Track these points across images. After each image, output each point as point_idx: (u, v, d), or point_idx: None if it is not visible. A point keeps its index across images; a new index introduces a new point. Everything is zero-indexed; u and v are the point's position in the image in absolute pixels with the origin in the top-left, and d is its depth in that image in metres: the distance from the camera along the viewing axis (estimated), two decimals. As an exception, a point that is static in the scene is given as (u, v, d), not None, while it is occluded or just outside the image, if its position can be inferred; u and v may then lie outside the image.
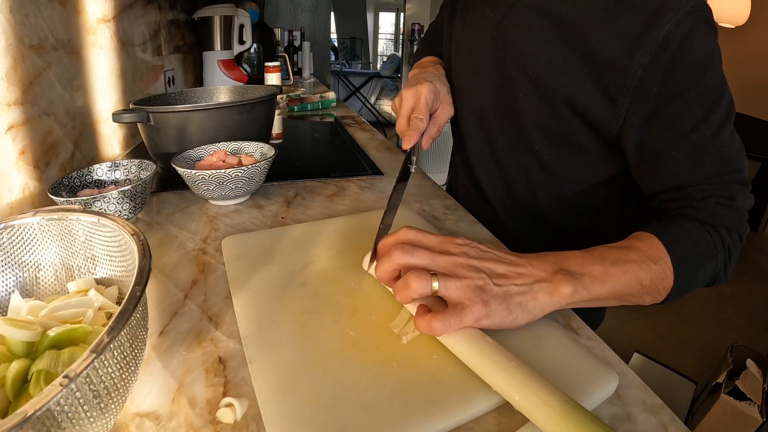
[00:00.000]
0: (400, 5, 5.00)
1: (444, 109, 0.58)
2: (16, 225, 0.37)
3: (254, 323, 0.39)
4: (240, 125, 0.79)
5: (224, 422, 0.31)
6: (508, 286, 0.36)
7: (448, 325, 0.34)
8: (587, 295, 0.38)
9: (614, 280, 0.39)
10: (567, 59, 0.51)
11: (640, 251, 0.42)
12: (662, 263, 0.41)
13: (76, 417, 0.22)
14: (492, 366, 0.32)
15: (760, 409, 1.15)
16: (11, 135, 0.57)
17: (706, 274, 0.45)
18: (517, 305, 0.36)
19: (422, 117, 0.53)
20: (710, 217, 0.46)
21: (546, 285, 0.37)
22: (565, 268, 0.39)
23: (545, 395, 0.29)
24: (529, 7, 0.54)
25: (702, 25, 0.45)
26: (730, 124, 0.46)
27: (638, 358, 1.44)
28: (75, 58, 0.73)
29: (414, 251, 0.37)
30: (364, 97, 5.33)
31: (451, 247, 0.38)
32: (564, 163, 0.58)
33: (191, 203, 0.68)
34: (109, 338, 0.23)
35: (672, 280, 0.42)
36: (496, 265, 0.38)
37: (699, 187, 0.47)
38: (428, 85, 0.56)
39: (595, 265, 0.39)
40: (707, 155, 0.46)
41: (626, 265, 0.40)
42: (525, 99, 0.57)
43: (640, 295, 0.42)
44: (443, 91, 0.59)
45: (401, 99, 0.57)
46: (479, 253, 0.38)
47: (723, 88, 0.46)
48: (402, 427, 0.29)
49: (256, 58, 1.90)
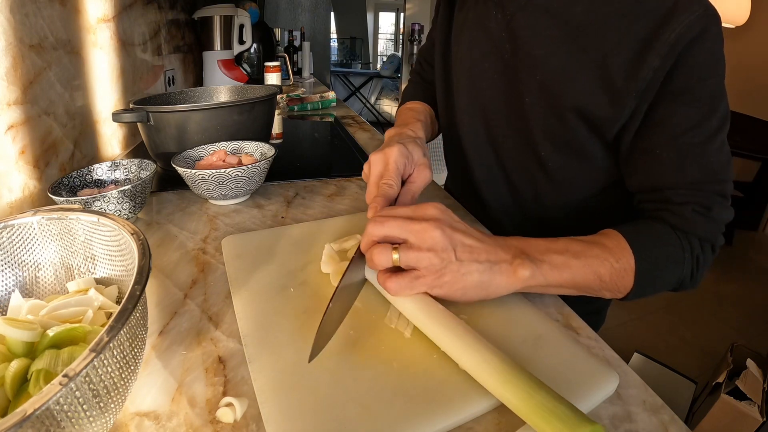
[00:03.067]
0: (400, 5, 5.00)
1: (420, 173, 0.51)
2: (16, 224, 0.37)
3: (254, 323, 0.39)
4: (240, 125, 0.79)
5: (224, 422, 0.31)
6: (470, 262, 0.37)
7: (400, 287, 0.37)
8: (544, 280, 0.40)
9: (573, 271, 0.41)
10: (579, 64, 0.50)
11: (604, 247, 0.43)
12: (624, 262, 0.42)
13: (76, 416, 0.22)
14: (441, 329, 0.35)
15: (760, 409, 1.15)
16: (11, 135, 0.57)
17: (671, 279, 0.46)
18: (472, 282, 0.37)
19: (392, 182, 0.47)
20: (684, 224, 0.46)
21: (506, 266, 0.39)
22: (526, 252, 0.40)
23: (487, 354, 0.32)
24: (542, 9, 0.53)
25: (712, 30, 0.44)
26: (721, 135, 0.46)
27: (638, 358, 1.44)
28: (75, 57, 0.73)
29: (385, 222, 0.38)
30: (364, 97, 5.33)
31: (425, 213, 0.39)
32: (568, 169, 0.58)
33: (191, 203, 0.68)
34: (109, 337, 0.23)
35: (632, 280, 0.43)
36: (464, 237, 0.38)
37: (678, 191, 0.47)
38: (398, 148, 0.49)
39: (557, 255, 0.41)
40: (693, 162, 0.46)
41: (588, 259, 0.41)
42: (532, 103, 0.56)
43: (599, 289, 0.43)
44: (417, 154, 0.51)
45: (369, 165, 0.51)
46: (452, 222, 0.39)
47: (721, 97, 0.46)
48: (402, 427, 0.29)
49: (256, 58, 1.90)
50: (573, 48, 0.51)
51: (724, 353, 1.44)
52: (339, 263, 0.46)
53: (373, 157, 0.50)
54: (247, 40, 1.61)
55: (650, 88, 0.47)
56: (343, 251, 0.50)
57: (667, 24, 0.44)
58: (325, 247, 0.48)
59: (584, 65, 0.50)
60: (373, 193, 0.49)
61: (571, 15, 0.51)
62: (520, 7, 0.55)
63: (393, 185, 0.47)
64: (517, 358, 0.35)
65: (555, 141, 0.56)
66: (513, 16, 0.56)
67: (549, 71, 0.53)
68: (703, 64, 0.45)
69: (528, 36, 0.55)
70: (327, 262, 0.46)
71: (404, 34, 3.85)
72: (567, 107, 0.52)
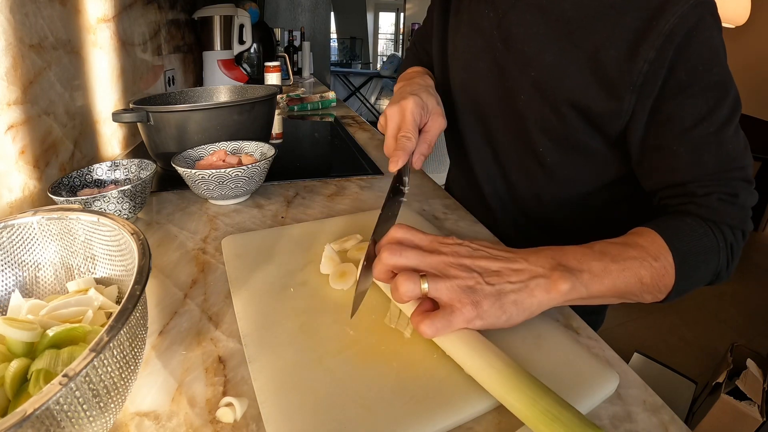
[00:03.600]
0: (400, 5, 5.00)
1: (435, 121, 0.52)
2: (16, 224, 0.37)
3: (254, 323, 0.39)
4: (240, 125, 0.79)
5: (224, 422, 0.31)
6: (501, 284, 0.35)
7: (436, 329, 0.34)
8: (585, 292, 0.37)
9: (614, 277, 0.38)
10: (571, 59, 0.50)
11: (641, 248, 0.40)
12: (663, 260, 0.40)
13: (76, 416, 0.22)
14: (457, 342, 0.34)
15: (760, 409, 1.15)
16: (11, 135, 0.57)
17: (708, 271, 0.44)
18: (511, 303, 0.35)
19: (410, 135, 0.48)
20: (712, 214, 0.44)
21: (543, 281, 0.36)
22: (563, 264, 0.37)
23: (492, 358, 0.31)
24: (532, 6, 0.53)
25: (708, 19, 0.44)
26: (734, 120, 0.45)
27: (638, 358, 1.44)
28: (75, 57, 0.73)
29: (402, 251, 0.36)
30: (364, 97, 5.33)
31: (441, 246, 0.37)
32: (568, 165, 0.58)
33: (191, 203, 0.68)
34: (109, 337, 0.23)
35: (673, 277, 0.41)
36: (488, 263, 0.36)
37: (700, 183, 0.45)
38: (413, 99, 0.50)
39: (595, 261, 0.38)
40: (709, 152, 0.45)
41: (626, 261, 0.39)
42: (527, 101, 0.56)
43: (640, 293, 0.40)
44: (431, 103, 0.52)
45: (386, 118, 0.52)
46: (470, 251, 0.37)
47: (728, 83, 0.45)
48: (402, 427, 0.29)
49: (256, 58, 1.90)
50: (565, 43, 0.51)
51: (724, 353, 1.44)
52: (338, 264, 0.46)
53: (389, 110, 0.51)
54: (247, 40, 1.61)
55: (649, 82, 0.46)
56: (343, 251, 0.50)
57: (660, 15, 0.44)
58: (325, 248, 0.48)
59: (577, 60, 0.50)
60: (391, 146, 0.50)
61: (562, 10, 0.51)
62: (511, 5, 0.55)
63: (411, 137, 0.48)
64: (517, 358, 0.35)
65: (552, 137, 0.56)
66: (505, 14, 0.56)
67: (542, 67, 0.53)
68: (703, 54, 0.44)
69: (520, 33, 0.55)
70: (326, 263, 0.46)
71: (404, 34, 3.85)
72: (562, 102, 0.52)
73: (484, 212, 0.70)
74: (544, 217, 0.64)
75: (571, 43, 0.50)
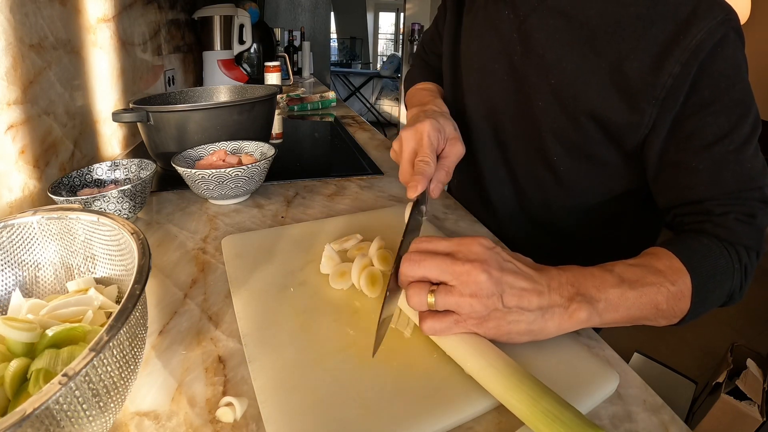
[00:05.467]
0: (400, 5, 5.00)
1: (453, 147, 0.49)
2: (16, 224, 0.37)
3: (254, 322, 0.39)
4: (240, 125, 0.79)
5: (224, 421, 0.31)
6: (518, 310, 0.34)
7: (435, 331, 0.34)
8: (599, 321, 0.37)
9: (629, 304, 0.37)
10: (593, 68, 0.49)
11: (659, 273, 0.39)
12: (681, 284, 0.39)
13: (75, 416, 0.22)
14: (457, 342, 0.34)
15: (760, 409, 1.15)
16: (11, 134, 0.57)
17: (723, 293, 0.43)
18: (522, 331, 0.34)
19: (428, 160, 0.45)
20: (729, 234, 0.43)
21: (560, 311, 0.35)
22: (582, 293, 0.36)
23: (492, 358, 0.32)
24: (555, 10, 0.52)
25: (732, 35, 0.43)
26: (754, 139, 0.45)
27: (638, 358, 1.44)
28: (75, 57, 0.73)
29: (422, 262, 0.34)
30: (364, 97, 5.33)
31: (469, 252, 0.35)
32: (580, 174, 0.57)
33: (191, 203, 0.68)
34: (109, 337, 0.23)
35: (689, 301, 0.40)
36: (515, 279, 0.35)
37: (718, 201, 0.45)
38: (430, 122, 0.47)
39: (613, 288, 0.37)
40: (728, 170, 0.44)
41: (644, 288, 0.38)
42: (544, 107, 0.55)
43: (655, 319, 0.40)
44: (449, 128, 0.50)
45: (401, 142, 0.49)
46: (501, 262, 0.35)
47: (750, 102, 0.44)
48: (402, 427, 0.29)
49: (256, 58, 1.90)
50: (587, 51, 0.49)
51: (724, 353, 1.44)
52: (338, 264, 0.46)
53: (404, 133, 0.48)
54: (247, 40, 1.61)
55: (671, 97, 0.45)
56: (343, 251, 0.50)
57: (687, 30, 0.43)
58: (325, 248, 0.48)
59: (599, 69, 0.49)
60: (408, 171, 0.47)
61: (586, 18, 0.49)
62: (533, 8, 0.54)
63: (429, 162, 0.45)
64: (518, 358, 0.35)
65: (566, 145, 0.55)
66: (526, 18, 0.55)
67: (562, 75, 0.52)
68: (727, 71, 0.44)
69: (541, 38, 0.53)
70: (326, 263, 0.46)
71: (404, 34, 3.85)
72: (581, 111, 0.51)
73: (488, 215, 0.69)
74: (551, 223, 0.63)
75: (594, 52, 0.49)
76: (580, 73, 0.50)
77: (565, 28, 0.51)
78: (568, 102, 0.52)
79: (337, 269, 0.45)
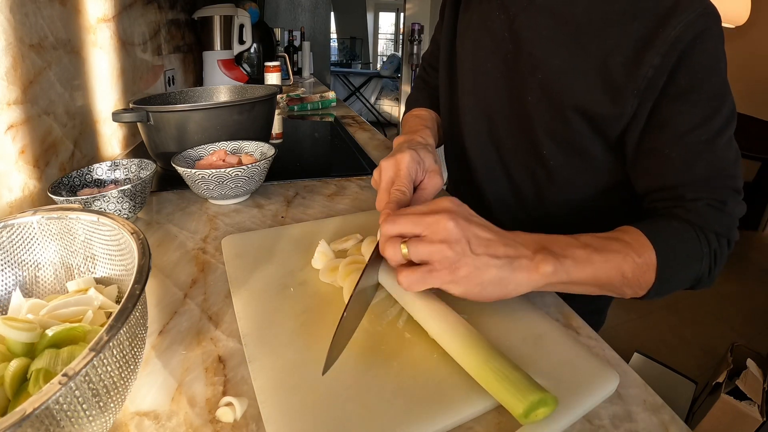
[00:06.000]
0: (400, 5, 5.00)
1: (431, 179, 0.50)
2: (16, 224, 0.37)
3: (254, 322, 0.39)
4: (240, 125, 0.79)
5: (224, 421, 0.31)
6: (486, 255, 0.36)
7: (410, 281, 0.35)
8: (566, 277, 0.38)
9: (596, 267, 0.39)
10: (579, 64, 0.50)
11: (625, 243, 0.42)
12: (646, 257, 0.41)
13: (75, 415, 0.22)
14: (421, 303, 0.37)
15: (760, 409, 1.15)
16: (11, 134, 0.57)
17: (690, 275, 0.45)
18: (491, 277, 0.35)
19: (404, 189, 0.46)
20: (699, 219, 0.45)
21: (526, 262, 0.37)
22: (547, 248, 0.38)
23: (454, 322, 0.34)
24: (543, 9, 0.53)
25: (713, 28, 0.44)
26: (728, 131, 0.46)
27: (638, 358, 1.44)
28: (75, 57, 0.73)
29: (397, 219, 0.37)
30: (364, 97, 5.33)
31: (438, 206, 0.37)
32: (571, 169, 0.58)
33: (191, 203, 0.68)
34: (109, 337, 0.23)
35: (654, 276, 0.42)
36: (479, 230, 0.37)
37: (690, 188, 0.46)
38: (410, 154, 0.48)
39: (579, 249, 0.39)
40: (701, 158, 0.46)
41: (610, 254, 0.40)
42: (534, 103, 0.56)
43: (620, 287, 0.42)
44: (429, 160, 0.51)
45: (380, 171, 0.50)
46: (467, 215, 0.38)
47: (726, 94, 0.46)
48: (402, 427, 0.29)
49: (256, 58, 1.90)
50: (574, 48, 0.51)
51: (724, 353, 1.44)
52: (331, 260, 0.46)
53: (384, 163, 0.49)
54: (247, 40, 1.61)
55: (651, 87, 0.47)
56: (342, 251, 0.50)
57: (667, 22, 0.44)
58: (320, 243, 0.47)
59: (585, 65, 0.50)
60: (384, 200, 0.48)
61: (572, 15, 0.51)
62: (522, 7, 0.55)
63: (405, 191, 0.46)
64: (518, 358, 0.35)
65: (557, 140, 0.56)
66: (515, 17, 0.56)
67: (550, 71, 0.53)
68: (705, 63, 0.45)
69: (530, 36, 0.55)
70: (318, 258, 0.46)
71: (404, 34, 3.84)
72: (568, 106, 0.53)
73: (483, 212, 0.69)
74: (546, 217, 0.64)
75: (580, 48, 0.50)
76: (567, 68, 0.52)
77: (552, 26, 0.53)
78: (555, 97, 0.53)
79: (329, 264, 0.45)
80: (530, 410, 0.28)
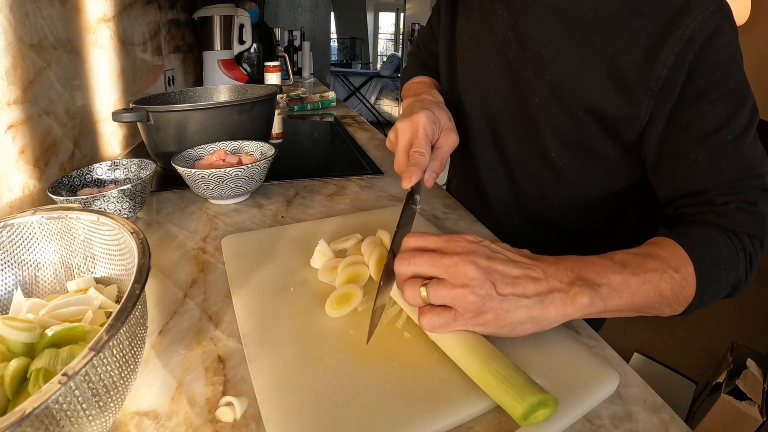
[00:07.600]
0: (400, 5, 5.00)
1: (447, 137, 0.50)
2: (16, 224, 0.37)
3: (254, 322, 0.39)
4: (240, 125, 0.79)
5: (224, 421, 0.31)
6: (514, 297, 0.33)
7: (433, 327, 0.34)
8: (603, 306, 0.36)
9: (633, 290, 0.37)
10: (588, 63, 0.50)
11: (661, 259, 0.39)
12: (684, 272, 0.39)
13: (75, 415, 0.22)
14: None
15: (760, 409, 1.15)
16: (11, 134, 0.57)
17: (728, 282, 0.43)
18: (522, 319, 0.33)
19: (423, 150, 0.46)
20: (731, 224, 0.43)
21: (560, 296, 0.34)
22: (582, 277, 0.36)
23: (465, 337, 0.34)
24: (549, 8, 0.52)
25: (726, 25, 0.44)
26: (752, 128, 0.45)
27: (638, 358, 1.44)
28: (75, 57, 0.73)
29: (412, 259, 0.35)
30: (364, 97, 5.33)
31: (456, 246, 0.35)
32: (579, 169, 0.57)
33: (191, 202, 0.68)
34: (108, 336, 0.23)
35: (694, 290, 0.39)
36: (506, 267, 0.34)
37: (718, 191, 0.44)
38: (426, 113, 0.48)
39: (615, 275, 0.36)
40: (727, 159, 0.44)
41: (647, 274, 0.37)
42: (541, 104, 0.55)
43: (659, 307, 0.39)
44: (444, 118, 0.51)
45: (396, 132, 0.49)
46: (488, 253, 0.35)
47: (746, 90, 0.44)
48: (402, 427, 0.29)
49: (256, 58, 1.90)
50: (582, 46, 0.50)
51: (724, 353, 1.44)
52: (329, 259, 0.46)
53: (399, 124, 0.48)
54: (247, 40, 1.61)
55: (668, 88, 0.45)
56: (342, 251, 0.50)
57: (680, 20, 0.43)
58: (319, 243, 0.47)
59: (594, 63, 0.49)
60: (403, 162, 0.48)
61: (579, 13, 0.50)
62: (527, 6, 0.54)
63: (424, 153, 0.46)
64: (517, 358, 0.35)
65: (565, 140, 0.55)
66: (520, 16, 0.55)
67: (558, 70, 0.52)
68: (723, 60, 0.44)
69: (536, 35, 0.54)
70: (317, 257, 0.46)
71: (404, 34, 3.85)
72: (578, 106, 0.52)
73: (486, 213, 0.69)
74: (549, 219, 0.64)
75: (589, 47, 0.49)
76: (576, 67, 0.51)
77: (559, 25, 0.52)
78: (565, 97, 0.52)
79: (328, 264, 0.46)
80: (530, 412, 0.28)
